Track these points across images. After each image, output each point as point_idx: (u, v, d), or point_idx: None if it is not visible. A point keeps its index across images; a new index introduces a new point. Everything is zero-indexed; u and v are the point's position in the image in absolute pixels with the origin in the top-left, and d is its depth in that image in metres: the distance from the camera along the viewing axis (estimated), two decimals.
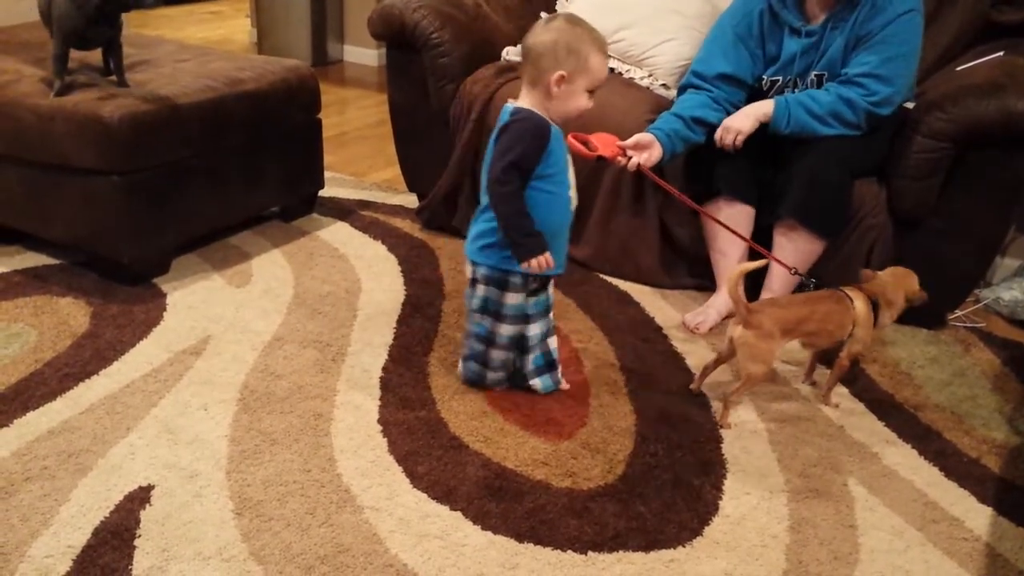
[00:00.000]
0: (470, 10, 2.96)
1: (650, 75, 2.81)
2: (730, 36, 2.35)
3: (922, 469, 1.90)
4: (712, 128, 2.30)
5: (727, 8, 2.44)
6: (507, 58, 2.92)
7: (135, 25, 5.40)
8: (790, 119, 2.22)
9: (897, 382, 2.21)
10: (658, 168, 2.56)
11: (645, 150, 2.17)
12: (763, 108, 2.25)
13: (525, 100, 1.82)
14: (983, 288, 2.69)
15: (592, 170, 2.63)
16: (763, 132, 2.26)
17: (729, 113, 2.31)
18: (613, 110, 2.65)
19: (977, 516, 1.76)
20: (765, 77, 2.37)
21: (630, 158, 2.12)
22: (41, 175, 2.41)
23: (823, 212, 2.25)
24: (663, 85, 2.78)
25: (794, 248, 2.28)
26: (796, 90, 2.32)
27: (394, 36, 2.85)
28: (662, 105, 2.70)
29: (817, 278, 2.15)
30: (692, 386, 2.13)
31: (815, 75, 2.28)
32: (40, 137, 2.33)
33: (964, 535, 1.71)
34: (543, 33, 1.77)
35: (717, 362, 2.08)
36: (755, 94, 2.39)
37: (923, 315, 2.45)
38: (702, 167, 2.38)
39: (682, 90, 2.47)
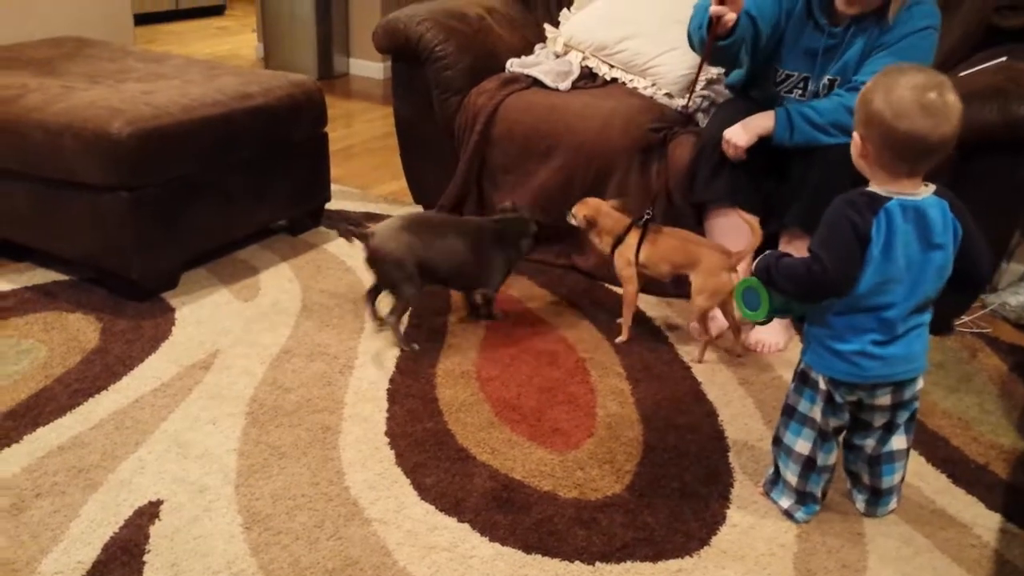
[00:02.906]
0: (474, 23, 2.97)
1: (653, 84, 2.82)
2: None
3: (930, 476, 1.89)
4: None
5: None
6: (511, 70, 2.93)
7: (143, 41, 5.45)
8: (793, 132, 2.22)
9: None
10: (664, 175, 2.58)
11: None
12: (763, 122, 2.26)
13: (918, 185, 1.54)
14: (989, 293, 2.68)
15: (596, 180, 2.64)
16: (766, 141, 2.26)
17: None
18: (616, 118, 2.66)
19: (985, 522, 1.76)
20: (781, 69, 2.36)
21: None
22: (50, 191, 2.43)
23: None
24: (666, 94, 2.79)
25: (800, 256, 2.28)
26: (806, 92, 2.32)
27: (399, 49, 2.87)
28: (665, 114, 2.72)
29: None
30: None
31: (828, 79, 2.28)
32: (49, 153, 2.36)
33: (972, 542, 1.70)
34: (956, 111, 1.46)
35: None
36: (765, 84, 2.39)
37: (929, 321, 2.45)
38: (704, 175, 2.38)
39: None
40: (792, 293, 1.61)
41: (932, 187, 1.54)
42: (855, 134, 1.56)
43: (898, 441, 1.69)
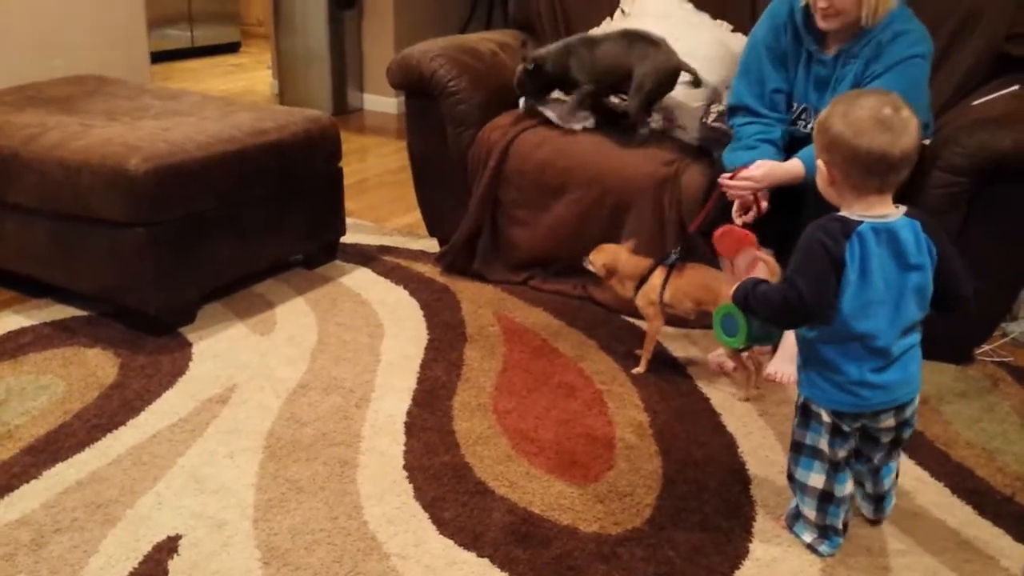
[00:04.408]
0: (486, 58, 3.00)
1: (666, 119, 2.83)
2: (764, 50, 2.33)
3: (955, 507, 1.87)
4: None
5: (755, 27, 2.41)
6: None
7: (159, 78, 5.51)
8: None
9: (926, 419, 2.18)
10: (677, 207, 2.57)
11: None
12: (791, 171, 2.20)
13: (889, 207, 1.55)
14: (1009, 322, 2.66)
15: (611, 215, 2.64)
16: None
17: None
18: (630, 153, 2.67)
19: (1012, 554, 1.73)
20: (794, 103, 2.37)
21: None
22: (68, 227, 2.45)
23: None
24: (679, 127, 2.80)
25: None
26: (809, 122, 2.32)
27: (412, 85, 2.90)
28: (678, 146, 2.72)
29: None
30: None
31: None
32: (67, 190, 2.38)
33: (999, 574, 1.68)
34: (912, 124, 1.51)
35: None
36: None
37: (950, 350, 2.44)
38: (718, 207, 2.38)
39: (732, 112, 2.43)
40: (769, 319, 1.63)
41: (903, 208, 1.55)
42: (819, 162, 1.58)
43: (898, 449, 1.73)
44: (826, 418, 1.62)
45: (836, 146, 1.52)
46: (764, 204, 2.23)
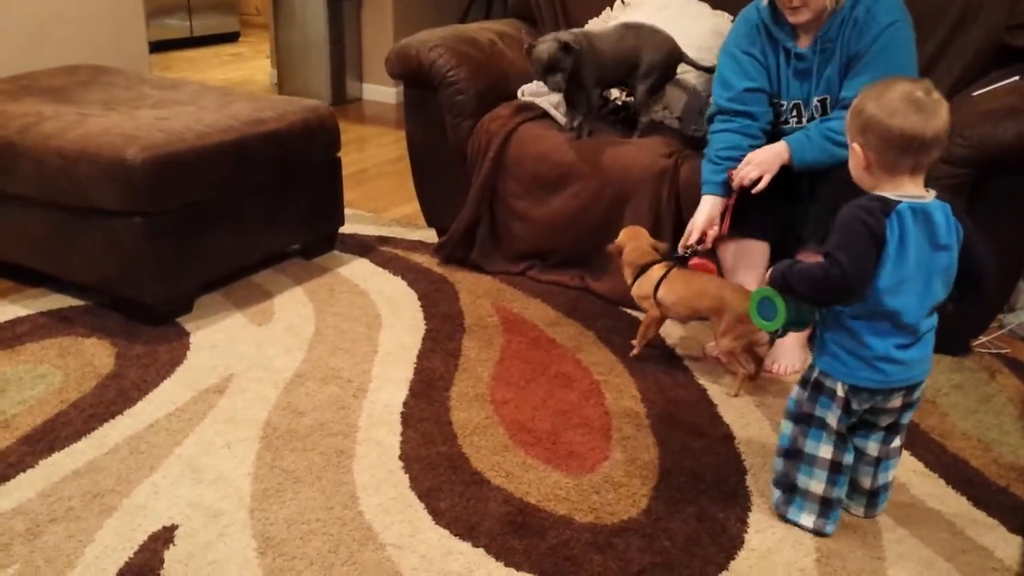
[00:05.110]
0: (485, 48, 2.99)
1: (664, 109, 2.82)
2: (737, 53, 2.35)
3: (950, 498, 1.87)
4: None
5: (728, 33, 2.42)
6: (523, 97, 2.94)
7: (158, 68, 5.50)
8: (807, 155, 2.21)
9: (922, 410, 2.19)
10: (675, 199, 2.57)
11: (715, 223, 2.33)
12: (775, 150, 2.23)
13: (922, 189, 1.57)
14: (1007, 313, 2.66)
15: (610, 208, 2.64)
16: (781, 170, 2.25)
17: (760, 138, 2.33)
18: (629, 146, 2.67)
19: (1007, 545, 1.73)
20: (781, 100, 2.36)
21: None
22: (65, 217, 2.45)
23: None
24: (677, 119, 2.80)
25: None
26: (802, 118, 2.32)
27: (411, 75, 2.89)
28: (676, 139, 2.72)
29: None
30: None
31: (817, 101, 2.28)
32: (64, 180, 2.37)
33: (994, 565, 1.68)
34: (943, 107, 1.53)
35: None
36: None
37: (947, 342, 2.43)
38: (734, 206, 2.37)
39: (710, 120, 2.43)
40: (809, 297, 1.63)
41: (934, 192, 1.58)
42: (853, 146, 1.60)
43: (898, 439, 1.73)
44: (840, 393, 1.64)
45: (870, 128, 1.55)
46: (718, 229, 2.34)
